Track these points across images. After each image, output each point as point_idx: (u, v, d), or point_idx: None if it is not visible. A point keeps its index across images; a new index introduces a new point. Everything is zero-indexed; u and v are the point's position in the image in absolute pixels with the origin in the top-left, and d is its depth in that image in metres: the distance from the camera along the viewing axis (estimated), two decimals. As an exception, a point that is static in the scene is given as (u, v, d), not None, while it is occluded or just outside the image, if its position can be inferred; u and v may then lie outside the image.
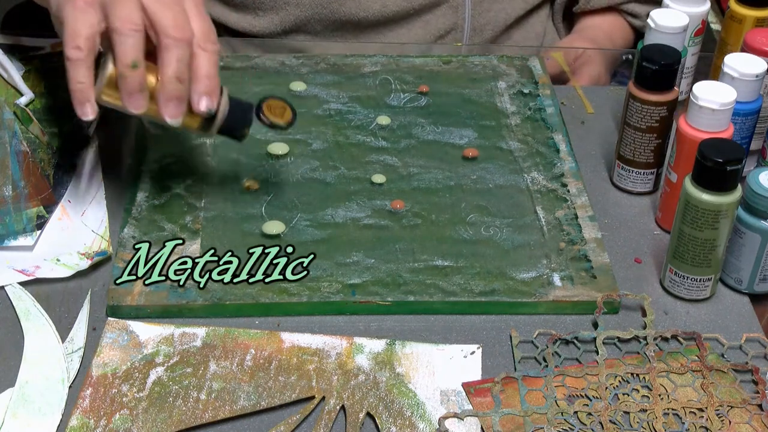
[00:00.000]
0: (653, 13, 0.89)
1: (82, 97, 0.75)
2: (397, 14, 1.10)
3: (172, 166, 0.89)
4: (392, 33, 1.11)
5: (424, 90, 1.01)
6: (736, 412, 0.71)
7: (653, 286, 0.82)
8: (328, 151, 0.92)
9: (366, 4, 1.08)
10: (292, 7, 1.09)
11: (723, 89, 0.81)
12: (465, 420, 0.70)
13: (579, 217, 0.85)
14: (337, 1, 1.08)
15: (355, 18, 1.09)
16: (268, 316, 0.77)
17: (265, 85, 1.00)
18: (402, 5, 1.09)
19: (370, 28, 1.11)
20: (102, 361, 0.73)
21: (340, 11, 1.09)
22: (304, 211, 0.85)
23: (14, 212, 0.83)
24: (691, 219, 0.76)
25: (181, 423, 0.69)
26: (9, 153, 0.88)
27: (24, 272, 0.80)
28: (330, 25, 1.10)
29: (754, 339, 0.77)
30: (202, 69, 0.76)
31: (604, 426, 0.70)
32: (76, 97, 0.75)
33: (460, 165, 0.91)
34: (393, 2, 1.09)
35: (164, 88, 0.75)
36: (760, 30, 0.89)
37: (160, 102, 0.76)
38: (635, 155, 0.89)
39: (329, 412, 0.70)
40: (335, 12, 1.09)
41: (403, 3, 1.09)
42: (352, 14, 1.09)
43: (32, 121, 0.92)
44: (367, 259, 0.81)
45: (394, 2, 1.09)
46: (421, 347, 0.75)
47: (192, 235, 0.82)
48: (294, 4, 1.09)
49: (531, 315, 0.78)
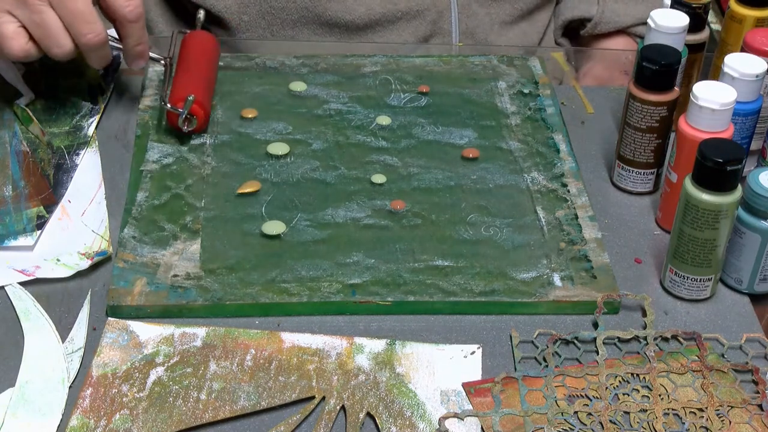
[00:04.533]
0: (653, 13, 0.89)
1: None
2: (383, 17, 1.10)
3: (172, 166, 0.89)
4: (378, 36, 1.11)
5: (424, 90, 1.01)
6: (736, 412, 0.71)
7: (653, 286, 0.82)
8: (328, 151, 0.92)
9: (351, 7, 1.08)
10: (277, 11, 1.09)
11: (723, 89, 0.81)
12: (465, 420, 0.70)
13: (579, 217, 0.85)
14: (321, 5, 1.08)
15: (341, 21, 1.09)
16: (268, 316, 0.77)
17: (265, 85, 1.00)
18: (388, 8, 1.09)
19: (356, 31, 1.10)
20: (102, 361, 0.73)
21: (326, 14, 1.09)
22: (304, 211, 0.85)
23: (14, 212, 0.83)
24: (691, 219, 0.76)
25: (181, 423, 0.69)
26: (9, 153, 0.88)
27: (24, 272, 0.79)
28: (317, 28, 1.10)
29: (754, 339, 0.77)
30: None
31: (604, 426, 0.70)
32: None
33: (460, 165, 0.91)
34: (378, 5, 1.09)
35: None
36: (760, 30, 0.89)
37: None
38: (635, 155, 0.89)
39: (329, 412, 0.70)
40: (321, 15, 1.09)
41: (388, 5, 1.09)
42: (338, 17, 1.09)
43: (32, 121, 0.92)
44: (368, 259, 0.81)
45: (380, 5, 1.09)
46: (421, 347, 0.75)
47: (192, 235, 0.82)
48: (279, 8, 1.09)
49: (531, 315, 0.78)
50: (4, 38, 0.85)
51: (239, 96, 0.98)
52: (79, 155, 0.91)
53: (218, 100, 0.97)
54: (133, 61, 0.93)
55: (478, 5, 1.14)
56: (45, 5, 0.85)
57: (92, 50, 0.88)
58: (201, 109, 0.91)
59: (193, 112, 0.90)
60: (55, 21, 0.85)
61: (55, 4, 0.85)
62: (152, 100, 0.97)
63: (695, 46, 0.93)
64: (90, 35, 0.86)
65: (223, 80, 1.00)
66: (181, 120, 0.90)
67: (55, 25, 0.85)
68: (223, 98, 0.98)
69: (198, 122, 0.91)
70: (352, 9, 1.09)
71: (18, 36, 0.85)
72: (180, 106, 0.90)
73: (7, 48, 0.86)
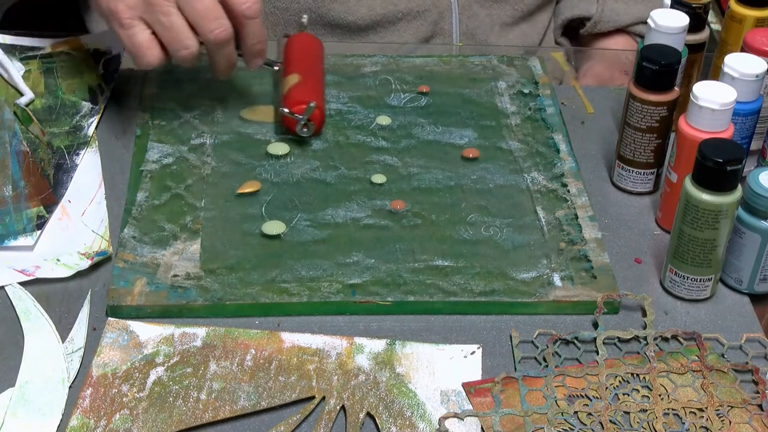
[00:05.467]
0: (653, 13, 0.89)
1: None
2: (384, 18, 1.10)
3: (172, 166, 0.89)
4: (379, 36, 1.11)
5: (424, 90, 1.01)
6: (736, 412, 0.71)
7: (653, 286, 0.82)
8: (328, 151, 0.92)
9: (354, 8, 1.09)
10: (281, 11, 1.09)
11: (723, 89, 0.81)
12: (465, 420, 0.70)
13: (579, 217, 0.85)
14: (325, 6, 1.08)
15: (343, 21, 1.09)
16: (268, 316, 0.77)
17: (265, 85, 1.00)
18: (389, 9, 1.09)
19: (358, 31, 1.11)
20: (102, 361, 0.73)
21: (329, 15, 1.09)
22: (304, 211, 0.85)
23: (14, 212, 0.83)
24: (691, 219, 0.76)
25: (181, 423, 0.69)
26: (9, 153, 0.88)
27: (24, 272, 0.79)
28: (319, 29, 1.10)
29: (754, 339, 0.77)
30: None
31: (604, 426, 0.70)
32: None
33: (460, 165, 0.91)
34: (380, 6, 1.09)
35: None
36: (760, 30, 0.89)
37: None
38: (635, 155, 0.89)
39: (329, 412, 0.70)
40: (323, 16, 1.09)
41: (389, 6, 1.09)
42: (340, 18, 1.09)
43: (32, 121, 0.92)
44: (368, 259, 0.81)
45: (381, 6, 1.09)
46: (422, 347, 0.75)
47: (192, 235, 0.82)
48: (283, 8, 1.09)
49: (531, 315, 0.78)
50: (140, 48, 0.86)
51: (239, 96, 0.98)
52: (79, 155, 0.91)
53: (218, 100, 0.97)
54: (252, 60, 0.92)
55: (478, 6, 1.14)
56: (172, 5, 0.85)
57: (220, 47, 0.87)
58: (320, 116, 0.92)
59: (311, 118, 0.91)
60: (183, 22, 0.85)
61: (183, 4, 0.85)
62: (152, 100, 0.97)
63: (695, 46, 0.93)
64: (218, 30, 0.86)
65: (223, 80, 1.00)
66: (299, 126, 0.91)
67: (183, 25, 0.85)
68: (223, 98, 0.98)
69: (315, 128, 0.92)
70: (354, 10, 1.09)
71: (153, 45, 0.86)
72: (298, 111, 0.91)
73: (147, 58, 0.86)
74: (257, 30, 0.89)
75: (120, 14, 0.85)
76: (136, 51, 0.86)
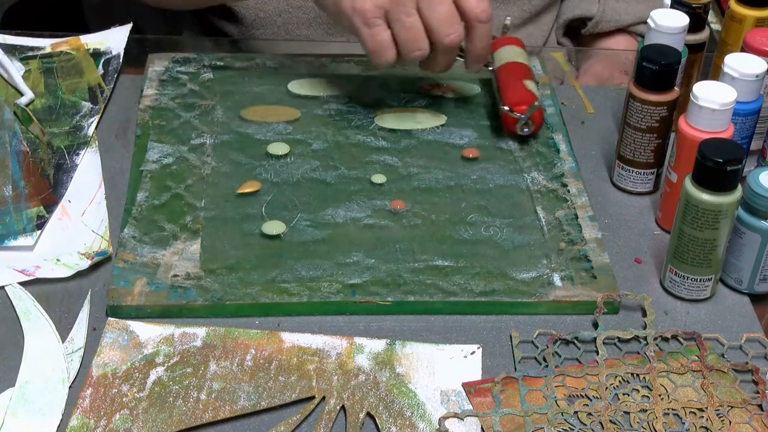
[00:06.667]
0: (653, 13, 0.89)
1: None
2: None
3: (172, 166, 0.89)
4: None
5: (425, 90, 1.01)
6: (736, 413, 0.71)
7: (653, 286, 0.82)
8: (328, 151, 0.92)
9: None
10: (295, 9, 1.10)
11: (723, 89, 0.81)
12: (465, 420, 0.70)
13: (579, 217, 0.85)
14: None
15: None
16: (268, 316, 0.77)
17: (265, 85, 1.00)
18: None
19: None
20: (102, 361, 0.73)
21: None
22: (304, 211, 0.85)
23: (14, 212, 0.83)
24: (691, 219, 0.76)
25: (181, 423, 0.69)
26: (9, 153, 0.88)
27: (24, 272, 0.80)
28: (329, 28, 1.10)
29: (754, 339, 0.77)
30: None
31: (604, 426, 0.70)
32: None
33: (460, 165, 0.91)
34: None
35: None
36: (760, 30, 0.89)
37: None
38: (635, 155, 0.89)
39: (329, 412, 0.70)
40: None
41: None
42: None
43: (32, 121, 0.92)
44: (367, 259, 0.81)
45: None
46: (421, 347, 0.75)
47: (192, 235, 0.82)
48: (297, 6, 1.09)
49: (531, 315, 0.78)
50: (381, 47, 0.87)
51: (239, 96, 0.98)
52: (79, 155, 0.91)
53: (218, 100, 0.97)
54: (476, 63, 0.93)
55: None
56: (414, 8, 0.86)
57: (450, 51, 0.89)
58: (540, 115, 0.93)
59: (531, 117, 0.92)
60: (421, 24, 0.87)
61: (424, 7, 0.86)
62: (152, 100, 0.97)
63: (695, 46, 0.93)
64: (453, 35, 0.87)
65: (223, 80, 1.00)
66: (520, 125, 0.92)
67: (421, 28, 0.87)
68: (223, 98, 0.98)
69: (534, 127, 0.93)
70: None
71: (392, 45, 0.87)
72: (520, 110, 0.91)
73: (386, 57, 0.88)
74: (486, 33, 0.90)
75: (367, 13, 0.86)
76: (378, 49, 0.88)
